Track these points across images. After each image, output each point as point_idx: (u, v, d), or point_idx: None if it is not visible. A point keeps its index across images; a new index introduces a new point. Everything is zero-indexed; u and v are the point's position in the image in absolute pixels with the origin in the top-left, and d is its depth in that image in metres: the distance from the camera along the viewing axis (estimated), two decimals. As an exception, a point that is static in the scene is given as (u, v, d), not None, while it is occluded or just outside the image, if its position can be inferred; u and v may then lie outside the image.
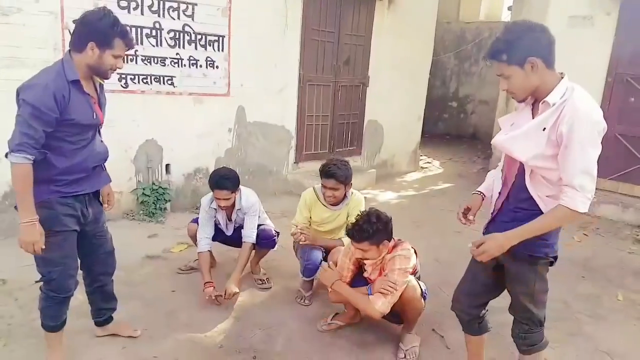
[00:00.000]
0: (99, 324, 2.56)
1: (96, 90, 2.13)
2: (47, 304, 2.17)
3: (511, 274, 1.98)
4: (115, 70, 2.07)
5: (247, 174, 5.38)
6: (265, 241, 3.26)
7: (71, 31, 2.04)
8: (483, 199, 2.08)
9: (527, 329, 2.02)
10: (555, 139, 1.69)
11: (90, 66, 2.01)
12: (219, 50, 4.82)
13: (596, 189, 6.12)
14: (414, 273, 2.60)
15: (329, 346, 2.68)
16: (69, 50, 2.02)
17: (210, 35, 4.73)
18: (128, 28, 2.08)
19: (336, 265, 2.74)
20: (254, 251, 3.32)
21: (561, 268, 3.95)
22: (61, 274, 2.12)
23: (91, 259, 2.28)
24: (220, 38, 4.81)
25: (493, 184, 2.06)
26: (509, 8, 8.20)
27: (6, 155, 1.89)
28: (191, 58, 4.64)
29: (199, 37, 4.65)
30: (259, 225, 3.23)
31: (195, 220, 3.28)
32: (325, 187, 3.00)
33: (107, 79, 2.14)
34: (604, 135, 1.73)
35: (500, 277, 2.06)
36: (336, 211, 3.08)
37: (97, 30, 1.94)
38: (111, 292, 2.52)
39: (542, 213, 1.79)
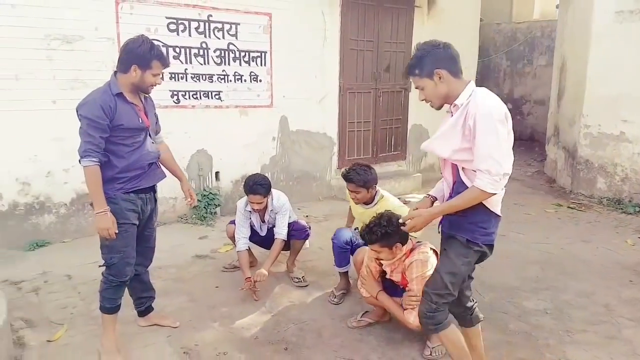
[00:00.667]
0: (140, 313, 2.87)
1: (141, 100, 2.51)
2: (106, 286, 2.51)
3: (446, 252, 2.15)
4: (155, 86, 2.45)
5: (292, 180, 5.64)
6: (298, 232, 3.48)
7: None
8: (433, 202, 2.27)
9: (435, 308, 2.10)
10: (468, 133, 1.94)
11: (134, 84, 2.40)
12: (261, 65, 5.14)
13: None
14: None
15: (357, 342, 2.79)
16: (115, 72, 2.42)
17: (253, 51, 5.06)
18: (165, 49, 2.42)
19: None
20: (289, 251, 3.55)
21: (609, 272, 3.82)
22: (120, 260, 2.46)
23: (136, 250, 2.59)
24: (263, 54, 5.13)
25: (443, 187, 2.23)
26: (557, 6, 7.88)
27: (79, 162, 2.31)
28: (236, 74, 4.98)
29: (242, 54, 4.99)
30: (290, 224, 3.45)
31: (234, 222, 3.54)
32: (348, 189, 3.24)
33: (148, 94, 2.52)
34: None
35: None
36: (369, 209, 3.23)
37: (137, 55, 2.33)
38: (148, 281, 2.84)
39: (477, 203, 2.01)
